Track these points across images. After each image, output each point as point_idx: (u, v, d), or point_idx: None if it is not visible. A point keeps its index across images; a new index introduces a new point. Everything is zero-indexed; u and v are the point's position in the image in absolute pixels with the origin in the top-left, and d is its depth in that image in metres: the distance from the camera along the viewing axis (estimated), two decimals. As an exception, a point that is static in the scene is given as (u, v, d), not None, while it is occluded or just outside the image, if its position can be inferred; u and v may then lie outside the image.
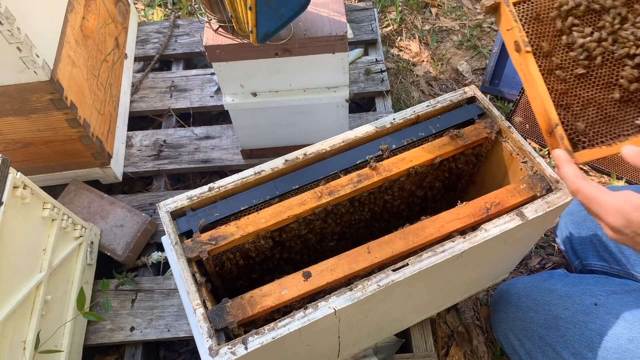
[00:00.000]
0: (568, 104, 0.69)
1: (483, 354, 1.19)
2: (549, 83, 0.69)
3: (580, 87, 0.69)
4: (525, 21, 0.70)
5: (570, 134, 0.68)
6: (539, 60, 0.70)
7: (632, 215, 0.57)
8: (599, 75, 0.69)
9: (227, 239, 0.79)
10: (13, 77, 1.06)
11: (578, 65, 0.69)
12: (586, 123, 0.69)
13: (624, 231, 0.58)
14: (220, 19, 1.10)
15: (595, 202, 0.61)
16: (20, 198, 0.95)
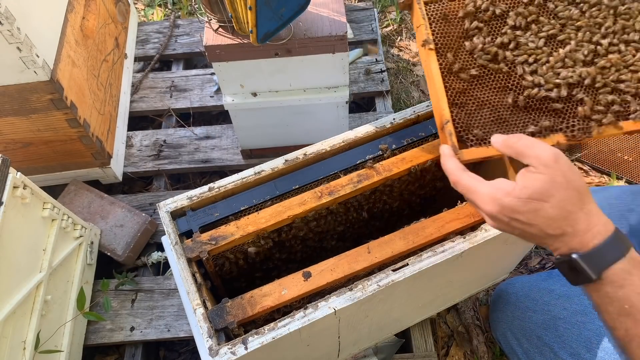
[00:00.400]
0: (463, 103, 0.71)
1: (483, 354, 1.19)
2: (447, 81, 0.71)
3: (477, 89, 0.71)
4: (433, 20, 0.73)
5: (459, 132, 0.70)
6: (441, 59, 0.72)
7: (504, 200, 0.59)
8: (496, 79, 0.72)
9: (227, 239, 0.79)
10: (13, 77, 1.06)
11: (475, 67, 0.72)
12: (479, 123, 0.71)
13: (499, 217, 0.60)
14: (220, 19, 1.10)
15: (472, 192, 0.63)
16: (20, 198, 0.95)
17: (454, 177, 0.65)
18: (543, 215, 0.58)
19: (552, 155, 0.59)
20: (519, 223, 0.59)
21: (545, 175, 0.58)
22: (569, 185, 0.58)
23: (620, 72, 0.71)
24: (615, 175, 1.48)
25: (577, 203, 0.58)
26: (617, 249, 0.57)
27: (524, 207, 0.58)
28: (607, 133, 0.70)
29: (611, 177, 1.49)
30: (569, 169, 0.59)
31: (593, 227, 0.58)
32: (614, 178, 1.48)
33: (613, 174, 1.49)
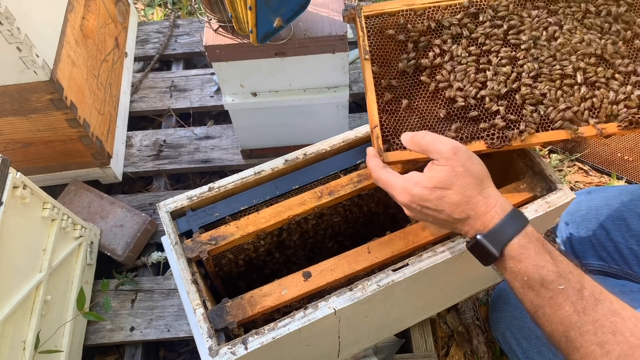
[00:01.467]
0: (394, 110, 0.77)
1: (483, 354, 1.19)
2: (379, 89, 0.77)
3: (406, 98, 0.77)
4: (371, 33, 0.78)
5: (387, 136, 0.75)
6: (376, 68, 0.77)
7: (414, 190, 0.65)
8: (423, 89, 0.78)
9: (227, 239, 0.79)
10: (13, 77, 1.06)
11: (397, 79, 0.78)
12: (407, 129, 0.76)
13: (412, 206, 0.67)
14: (220, 19, 1.10)
15: (390, 186, 0.69)
16: (20, 198, 0.95)
17: (375, 174, 0.72)
18: (447, 201, 0.64)
19: (451, 148, 0.65)
20: (430, 210, 0.66)
21: (447, 167, 0.65)
22: (467, 173, 0.64)
23: (537, 87, 0.76)
24: (615, 175, 1.48)
25: (476, 188, 0.64)
26: (514, 226, 0.63)
27: (431, 195, 0.65)
28: (528, 142, 0.75)
29: (611, 177, 1.49)
30: (468, 159, 0.65)
31: (491, 209, 0.64)
32: (614, 178, 1.48)
33: (613, 174, 1.49)
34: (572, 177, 1.52)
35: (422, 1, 0.80)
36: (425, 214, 0.67)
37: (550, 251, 0.62)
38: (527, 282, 0.61)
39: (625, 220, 1.05)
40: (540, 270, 0.60)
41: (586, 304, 0.58)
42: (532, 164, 0.86)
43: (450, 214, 0.65)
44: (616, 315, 0.57)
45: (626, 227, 1.05)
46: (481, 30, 0.78)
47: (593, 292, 0.59)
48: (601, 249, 1.09)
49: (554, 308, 0.59)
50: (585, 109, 0.75)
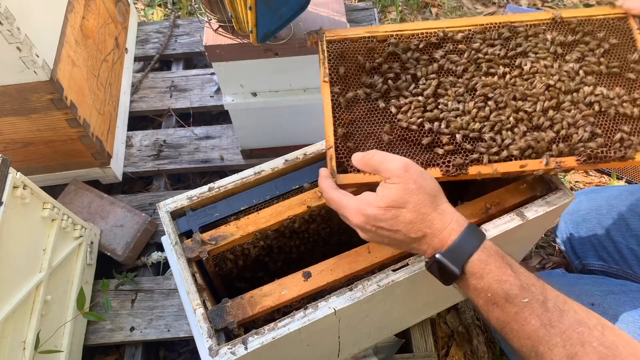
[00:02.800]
0: (350, 133, 0.77)
1: (483, 354, 1.19)
2: (337, 112, 0.78)
3: (364, 122, 0.78)
4: (332, 56, 0.81)
5: (341, 158, 0.75)
6: (335, 90, 0.79)
7: (367, 210, 0.63)
8: (380, 115, 0.78)
9: (227, 239, 0.79)
10: (13, 77, 1.06)
11: (364, 104, 0.79)
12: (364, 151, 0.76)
13: (366, 227, 0.65)
14: (220, 18, 1.10)
15: (342, 207, 0.67)
16: (20, 198, 0.95)
17: (327, 194, 0.70)
18: (402, 220, 0.62)
19: (402, 166, 0.64)
20: (385, 231, 0.63)
21: (399, 184, 0.63)
22: (421, 190, 0.63)
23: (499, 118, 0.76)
24: (615, 175, 1.48)
25: (430, 205, 0.63)
26: (473, 241, 0.61)
27: (385, 215, 0.62)
28: (484, 172, 0.75)
29: (611, 177, 1.49)
30: (420, 176, 0.64)
31: (447, 225, 0.62)
32: (614, 178, 1.48)
33: (613, 174, 1.49)
34: (572, 177, 1.52)
35: (385, 29, 0.81)
36: (381, 235, 0.64)
37: (510, 264, 0.61)
38: (491, 299, 0.59)
39: (625, 220, 1.05)
40: (503, 285, 0.59)
41: (551, 315, 0.57)
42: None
43: (406, 233, 0.63)
44: (582, 325, 0.56)
45: (626, 227, 1.05)
46: (441, 61, 0.80)
47: (557, 302, 0.58)
48: (601, 249, 1.09)
49: (521, 323, 0.58)
50: (545, 140, 0.75)
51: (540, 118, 0.76)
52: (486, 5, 2.07)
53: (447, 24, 0.82)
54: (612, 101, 0.76)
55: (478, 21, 0.82)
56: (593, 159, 0.74)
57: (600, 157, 0.74)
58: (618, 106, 0.76)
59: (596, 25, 0.81)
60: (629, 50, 0.80)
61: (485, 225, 0.79)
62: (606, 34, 0.80)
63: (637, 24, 0.80)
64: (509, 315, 0.58)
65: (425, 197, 0.63)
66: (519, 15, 0.82)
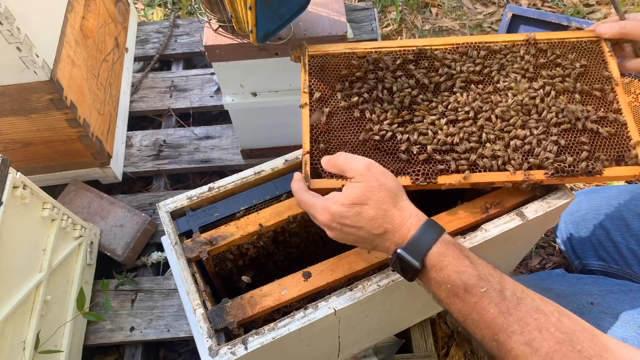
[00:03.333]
0: (327, 140, 0.80)
1: (483, 354, 1.19)
2: (314, 120, 0.81)
3: (340, 131, 0.81)
4: (313, 69, 0.85)
5: (315, 164, 0.78)
6: (313, 101, 0.82)
7: (333, 208, 0.66)
8: (354, 124, 0.82)
9: (227, 239, 0.79)
10: (13, 77, 1.06)
11: (340, 114, 0.82)
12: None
13: (332, 225, 0.67)
14: (220, 18, 1.10)
15: (310, 206, 0.70)
16: (20, 198, 0.95)
17: (298, 196, 0.72)
18: (365, 216, 0.64)
19: (365, 165, 0.67)
20: (349, 227, 0.66)
21: (362, 183, 0.66)
22: (382, 187, 0.65)
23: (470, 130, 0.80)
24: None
25: (390, 202, 0.65)
26: (431, 234, 0.63)
27: (349, 212, 0.65)
28: (452, 182, 0.77)
29: (611, 177, 1.49)
30: (382, 174, 0.67)
31: (407, 220, 0.64)
32: (614, 178, 1.48)
33: (613, 174, 1.48)
34: (572, 177, 1.52)
35: (365, 46, 0.86)
36: (346, 233, 0.67)
37: (468, 255, 0.62)
38: (451, 290, 0.61)
39: (625, 220, 1.06)
40: (462, 276, 0.60)
41: (509, 303, 0.58)
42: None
43: (369, 229, 0.65)
44: (539, 312, 0.57)
45: (626, 227, 1.05)
46: (418, 76, 0.84)
47: (514, 291, 0.59)
48: (601, 249, 1.09)
49: (480, 313, 0.59)
50: (517, 152, 0.78)
51: (510, 132, 0.79)
52: (486, 5, 2.07)
53: (425, 42, 0.87)
54: (580, 119, 0.79)
55: (455, 41, 0.87)
56: (561, 173, 0.76)
57: (568, 172, 0.76)
58: (587, 123, 0.79)
59: (568, 47, 0.85)
60: (600, 71, 0.83)
61: (485, 226, 0.79)
62: (577, 55, 0.84)
63: (609, 47, 0.84)
64: (469, 306, 0.60)
65: (386, 194, 0.65)
66: (494, 36, 0.87)
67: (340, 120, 0.82)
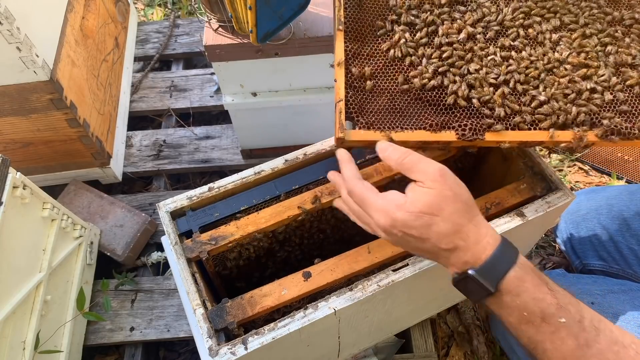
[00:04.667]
0: (362, 87, 0.73)
1: (483, 354, 1.19)
2: (349, 64, 0.74)
3: (377, 77, 0.74)
4: (349, 4, 0.76)
5: (350, 112, 0.71)
6: (349, 43, 0.74)
7: (396, 214, 0.58)
8: (398, 69, 0.74)
9: (227, 239, 0.79)
10: (13, 76, 1.06)
11: (380, 59, 0.75)
12: (374, 109, 0.73)
13: (392, 231, 0.60)
14: (220, 18, 1.10)
15: (366, 204, 0.62)
16: (20, 198, 0.95)
17: (350, 184, 0.64)
18: (435, 229, 0.58)
19: (438, 170, 0.59)
20: (413, 238, 0.59)
21: (434, 190, 0.58)
22: (457, 198, 0.58)
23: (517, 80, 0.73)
24: (615, 175, 1.48)
25: (466, 215, 0.58)
26: (508, 257, 0.58)
27: (417, 222, 0.58)
28: (500, 139, 0.71)
29: (611, 177, 1.49)
30: (455, 183, 0.60)
31: (482, 239, 0.58)
32: (614, 178, 1.48)
33: (613, 174, 1.48)
34: (572, 177, 1.52)
35: None
36: (407, 241, 0.60)
37: (546, 282, 0.58)
38: (525, 317, 0.56)
39: (625, 219, 1.05)
40: (540, 304, 0.56)
41: (588, 335, 0.55)
42: (532, 164, 0.86)
43: (436, 243, 0.58)
44: (617, 344, 0.54)
45: (626, 227, 1.05)
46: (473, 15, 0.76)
47: (592, 320, 0.56)
48: (601, 248, 1.09)
49: (556, 343, 0.55)
50: (571, 112, 0.72)
51: (568, 87, 0.73)
52: None
53: None
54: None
55: None
56: (616, 135, 0.70)
57: (624, 133, 0.70)
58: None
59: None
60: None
61: (486, 225, 0.79)
62: None
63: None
64: (544, 335, 0.56)
65: (462, 206, 0.59)
66: None
67: (378, 65, 0.74)
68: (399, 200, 0.59)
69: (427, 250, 0.60)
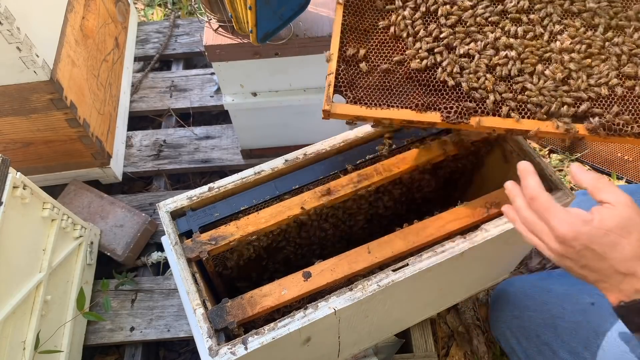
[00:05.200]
0: (355, 62, 0.74)
1: (483, 354, 1.19)
2: (345, 38, 0.75)
3: (372, 53, 0.75)
4: None
5: (339, 86, 0.73)
6: (348, 16, 0.75)
7: (582, 228, 0.59)
8: (394, 47, 0.75)
9: (227, 239, 0.79)
10: (13, 76, 1.06)
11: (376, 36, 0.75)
12: (364, 85, 0.74)
13: (571, 243, 0.59)
14: (220, 18, 1.10)
15: (549, 212, 0.62)
16: (20, 198, 0.95)
17: (536, 192, 0.64)
18: (619, 250, 0.57)
19: (629, 196, 0.60)
20: (591, 254, 0.59)
21: (625, 214, 0.58)
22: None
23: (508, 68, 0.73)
24: (615, 175, 1.48)
25: None
26: None
27: (603, 239, 0.58)
28: (484, 125, 0.72)
29: (611, 177, 1.49)
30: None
31: None
32: (614, 178, 1.48)
33: (613, 174, 1.48)
34: (572, 177, 1.52)
35: None
36: (581, 256, 0.60)
37: None
38: None
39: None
40: None
41: None
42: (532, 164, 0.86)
43: (614, 264, 0.58)
44: None
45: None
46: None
47: None
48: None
49: None
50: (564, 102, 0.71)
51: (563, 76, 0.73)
52: None
53: None
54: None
55: None
56: (607, 130, 0.70)
57: (615, 129, 0.70)
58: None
59: None
60: None
61: (485, 226, 0.79)
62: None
63: None
64: None
65: None
66: None
67: (373, 42, 0.75)
68: (586, 216, 0.60)
69: (599, 271, 0.60)
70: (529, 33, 0.76)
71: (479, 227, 0.79)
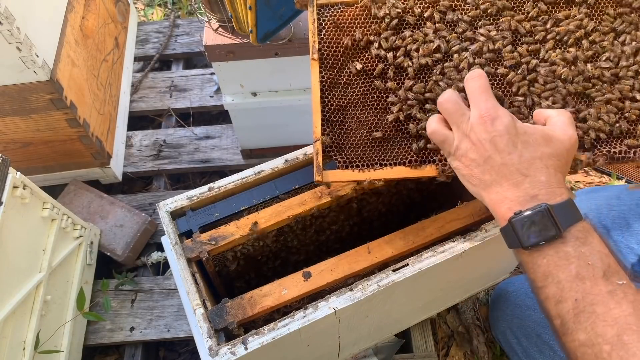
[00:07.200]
0: (341, 121, 0.68)
1: (483, 354, 1.19)
2: (326, 96, 0.68)
3: (357, 108, 0.68)
4: (324, 26, 0.68)
5: (328, 151, 0.67)
6: (326, 71, 0.68)
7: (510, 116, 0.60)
8: (378, 98, 0.69)
9: (227, 239, 0.79)
10: (13, 76, 1.06)
11: (358, 86, 0.68)
12: (353, 144, 0.68)
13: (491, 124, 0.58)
14: (220, 18, 1.10)
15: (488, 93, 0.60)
16: (20, 198, 0.95)
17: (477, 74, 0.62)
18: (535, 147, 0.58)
19: (573, 136, 0.60)
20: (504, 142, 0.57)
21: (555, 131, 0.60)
22: (567, 152, 0.59)
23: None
24: (615, 175, 1.48)
25: (560, 166, 0.59)
26: (578, 210, 0.56)
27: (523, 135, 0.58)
28: None
29: (611, 177, 1.49)
30: (574, 148, 0.61)
31: (562, 187, 0.57)
32: (614, 178, 1.48)
33: (613, 174, 1.48)
34: (572, 177, 1.52)
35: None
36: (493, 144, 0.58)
37: (608, 244, 0.55)
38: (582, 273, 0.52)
39: (625, 219, 1.05)
40: (605, 259, 0.53)
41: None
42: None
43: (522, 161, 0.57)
44: None
45: (626, 227, 1.05)
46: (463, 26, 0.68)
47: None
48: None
49: (610, 306, 0.51)
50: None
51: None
52: None
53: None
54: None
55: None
56: (610, 159, 0.68)
57: (618, 158, 0.68)
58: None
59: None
60: None
61: (486, 226, 0.79)
62: None
63: None
64: (597, 296, 0.51)
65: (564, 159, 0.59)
66: None
67: (356, 94, 0.68)
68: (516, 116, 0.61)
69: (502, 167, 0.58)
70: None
71: (479, 227, 0.79)
